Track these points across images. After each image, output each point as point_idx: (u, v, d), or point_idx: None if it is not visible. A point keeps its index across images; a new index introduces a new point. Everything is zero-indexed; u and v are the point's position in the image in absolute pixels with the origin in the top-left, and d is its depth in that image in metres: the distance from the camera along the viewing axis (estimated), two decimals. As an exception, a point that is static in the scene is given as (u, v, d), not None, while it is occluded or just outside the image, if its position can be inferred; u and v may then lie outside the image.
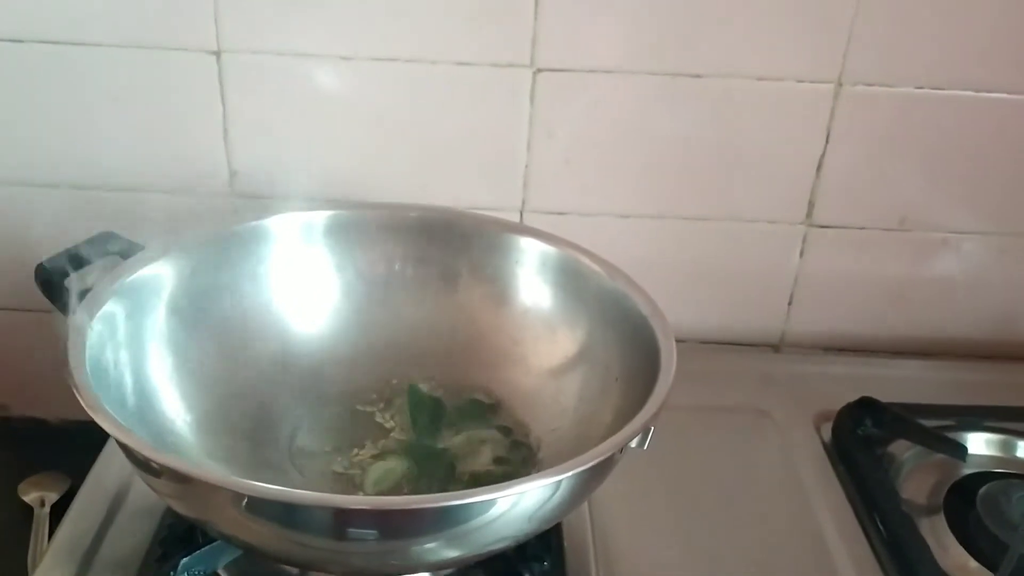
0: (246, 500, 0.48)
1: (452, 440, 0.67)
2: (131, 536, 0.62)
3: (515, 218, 0.85)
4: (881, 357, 0.91)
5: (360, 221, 0.71)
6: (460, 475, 0.64)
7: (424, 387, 0.70)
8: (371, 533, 0.51)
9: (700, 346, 0.91)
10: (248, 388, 0.66)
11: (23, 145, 0.82)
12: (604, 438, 0.56)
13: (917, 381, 0.86)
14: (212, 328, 0.66)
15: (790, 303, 0.91)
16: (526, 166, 0.83)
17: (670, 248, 0.87)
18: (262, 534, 0.52)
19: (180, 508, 0.54)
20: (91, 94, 0.80)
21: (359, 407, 0.69)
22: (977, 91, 0.82)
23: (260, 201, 0.84)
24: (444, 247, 0.71)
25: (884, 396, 0.78)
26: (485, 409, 0.68)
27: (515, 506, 0.50)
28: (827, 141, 0.83)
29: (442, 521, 0.50)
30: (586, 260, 0.68)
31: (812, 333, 0.92)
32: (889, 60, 0.80)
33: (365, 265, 0.72)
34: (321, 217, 0.71)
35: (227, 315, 0.67)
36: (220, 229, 0.69)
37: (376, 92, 0.80)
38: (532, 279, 0.70)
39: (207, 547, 0.56)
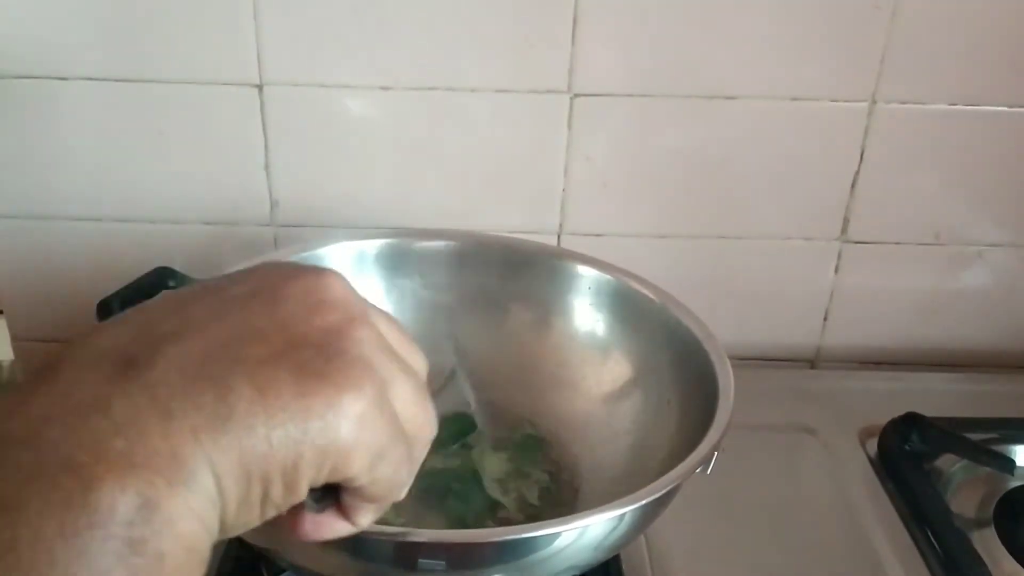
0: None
1: (490, 464, 0.68)
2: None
3: (552, 241, 0.86)
4: (918, 371, 0.92)
5: (412, 248, 0.72)
6: (496, 502, 0.65)
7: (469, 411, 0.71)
8: (439, 564, 0.51)
9: (736, 363, 0.91)
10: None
11: (69, 180, 0.83)
12: (660, 462, 0.57)
13: (955, 394, 0.87)
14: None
15: (825, 319, 0.91)
16: (563, 190, 0.84)
17: (706, 267, 0.88)
18: (331, 563, 0.53)
19: (250, 538, 0.54)
20: (135, 129, 0.81)
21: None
22: (1010, 106, 0.82)
23: (301, 230, 0.85)
24: (495, 274, 0.72)
25: (923, 410, 0.78)
26: (533, 441, 0.69)
27: (582, 537, 0.51)
28: (861, 159, 0.84)
29: (509, 553, 0.51)
30: (636, 285, 0.68)
31: (848, 348, 0.93)
32: (922, 78, 0.81)
33: (416, 292, 0.72)
34: (373, 245, 0.72)
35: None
36: (274, 260, 0.70)
37: (415, 121, 0.81)
38: (583, 305, 0.70)
39: (276, 580, 0.57)
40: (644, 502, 0.50)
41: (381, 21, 0.77)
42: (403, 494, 0.35)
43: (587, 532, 0.50)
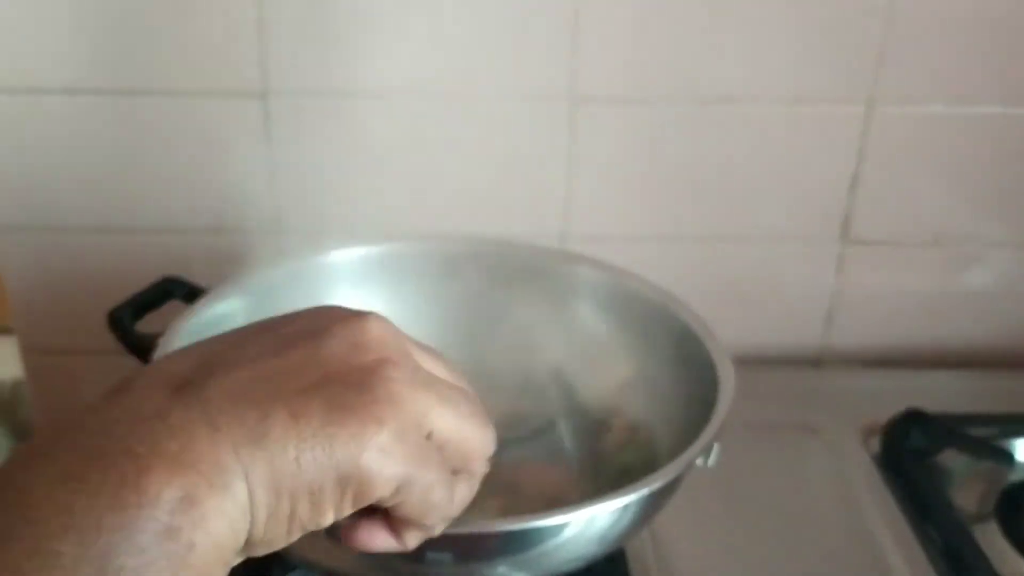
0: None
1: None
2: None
3: (556, 244, 0.87)
4: (920, 370, 0.93)
5: (416, 254, 0.73)
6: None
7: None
8: (446, 556, 0.52)
9: (740, 363, 0.92)
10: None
11: (78, 193, 0.84)
12: (664, 458, 0.58)
13: (958, 391, 0.87)
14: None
15: (828, 319, 0.92)
16: (566, 194, 0.85)
17: (709, 268, 0.89)
18: (342, 559, 0.53)
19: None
20: (141, 141, 0.82)
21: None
22: (1007, 107, 0.83)
23: (306, 238, 0.86)
24: (499, 278, 0.73)
25: (926, 407, 0.79)
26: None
27: (587, 528, 0.52)
28: (860, 160, 0.85)
29: (516, 544, 0.52)
30: (637, 286, 0.69)
31: (850, 348, 0.93)
32: (918, 79, 0.82)
33: (420, 297, 0.73)
34: (377, 251, 0.72)
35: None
36: (278, 267, 0.71)
37: (419, 128, 0.82)
38: (586, 307, 0.71)
39: (287, 577, 0.58)
40: (648, 491, 0.51)
41: (383, 29, 0.78)
42: (443, 517, 0.38)
43: (593, 523, 0.51)
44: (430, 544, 0.51)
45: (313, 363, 0.35)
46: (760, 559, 0.69)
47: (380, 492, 0.34)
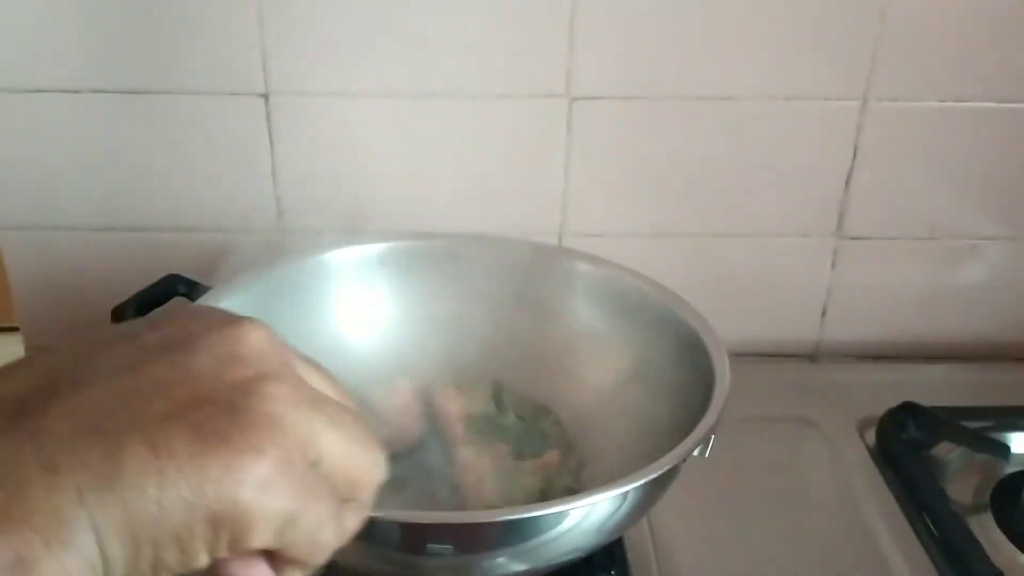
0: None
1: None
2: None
3: (554, 242, 0.88)
4: (915, 363, 0.93)
5: (416, 252, 0.74)
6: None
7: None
8: (447, 548, 0.53)
9: (737, 358, 0.93)
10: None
11: (82, 192, 0.85)
12: (662, 450, 0.58)
13: (952, 385, 0.88)
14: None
15: (823, 314, 0.93)
16: (564, 191, 0.86)
17: (705, 264, 0.90)
18: (344, 550, 0.54)
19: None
20: (144, 140, 0.83)
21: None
22: (999, 102, 0.84)
23: (308, 236, 0.87)
24: (499, 275, 0.73)
25: (921, 401, 0.80)
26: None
27: (586, 517, 0.52)
28: (855, 156, 0.86)
29: (516, 533, 0.52)
30: (634, 281, 0.70)
31: (846, 342, 0.94)
32: (912, 76, 0.83)
33: (421, 296, 0.74)
34: (378, 250, 0.73)
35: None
36: (278, 266, 0.71)
37: (418, 127, 0.83)
38: (584, 301, 0.72)
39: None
40: (645, 480, 0.51)
41: (383, 30, 0.79)
42: (328, 553, 0.33)
43: (592, 512, 0.52)
44: (430, 534, 0.52)
45: (178, 380, 0.30)
46: (757, 550, 0.70)
47: (262, 532, 0.29)
